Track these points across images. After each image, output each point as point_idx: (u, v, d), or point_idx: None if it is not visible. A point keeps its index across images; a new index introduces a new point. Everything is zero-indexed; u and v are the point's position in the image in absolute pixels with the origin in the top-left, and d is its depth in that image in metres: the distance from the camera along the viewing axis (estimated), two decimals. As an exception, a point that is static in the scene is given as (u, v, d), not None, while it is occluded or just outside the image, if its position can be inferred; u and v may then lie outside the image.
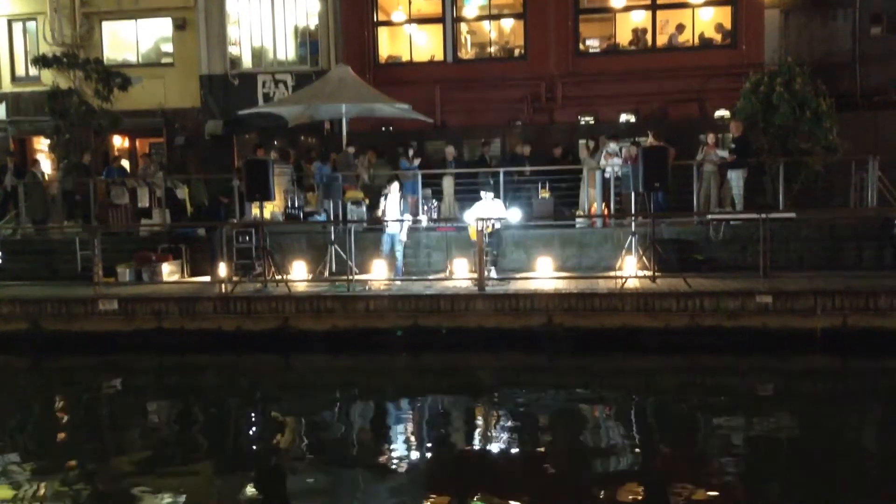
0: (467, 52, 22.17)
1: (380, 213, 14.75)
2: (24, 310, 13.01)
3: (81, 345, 12.77)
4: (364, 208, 15.59)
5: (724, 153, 15.31)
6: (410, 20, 21.79)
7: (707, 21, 20.82)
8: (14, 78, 22.68)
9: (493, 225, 13.57)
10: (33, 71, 21.24)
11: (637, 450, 8.28)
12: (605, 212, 15.55)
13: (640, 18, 21.01)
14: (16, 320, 13.01)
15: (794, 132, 15.06)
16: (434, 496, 7.06)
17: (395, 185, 14.64)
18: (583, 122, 20.38)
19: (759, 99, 15.32)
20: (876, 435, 8.98)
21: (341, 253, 14.21)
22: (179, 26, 21.77)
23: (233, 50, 21.64)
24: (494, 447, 8.42)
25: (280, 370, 12.15)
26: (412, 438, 8.81)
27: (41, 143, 22.01)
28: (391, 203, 14.50)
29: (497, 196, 14.69)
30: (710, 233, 14.43)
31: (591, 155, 16.48)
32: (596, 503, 6.81)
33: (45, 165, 20.14)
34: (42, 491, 7.29)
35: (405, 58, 21.90)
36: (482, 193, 14.19)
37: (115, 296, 13.00)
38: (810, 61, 16.83)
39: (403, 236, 14.52)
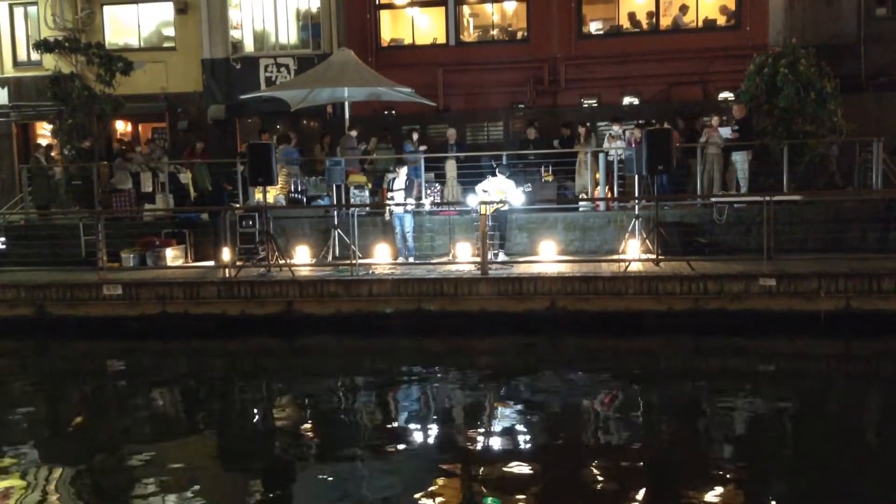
0: (470, 35, 22.04)
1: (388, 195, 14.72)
2: (29, 295, 13.06)
3: (86, 329, 12.84)
4: (367, 192, 15.57)
5: (728, 130, 15.23)
6: (412, 3, 21.66)
7: (711, 2, 20.66)
8: (16, 63, 22.59)
9: (496, 207, 13.49)
10: (35, 56, 21.11)
11: (641, 433, 8.31)
12: (609, 195, 15.51)
13: (644, 0, 20.89)
14: (21, 305, 13.06)
15: (799, 114, 14.96)
16: (437, 480, 7.09)
17: (404, 169, 14.58)
18: (585, 105, 20.32)
19: (764, 80, 15.21)
20: (878, 417, 9.01)
21: (344, 237, 14.21)
22: (181, 10, 21.64)
23: (235, 34, 21.50)
24: (497, 431, 8.45)
25: (284, 354, 12.19)
26: (415, 422, 8.84)
27: (43, 129, 21.94)
28: (398, 185, 14.44)
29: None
30: (714, 215, 14.39)
31: (585, 139, 16.42)
32: (599, 486, 6.85)
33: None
34: (48, 475, 7.35)
35: (407, 41, 21.78)
36: (497, 171, 14.08)
37: (119, 280, 13.04)
38: (815, 42, 16.70)
39: (409, 219, 14.53)
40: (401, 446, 7.98)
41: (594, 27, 21.18)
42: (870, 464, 7.27)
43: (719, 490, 6.69)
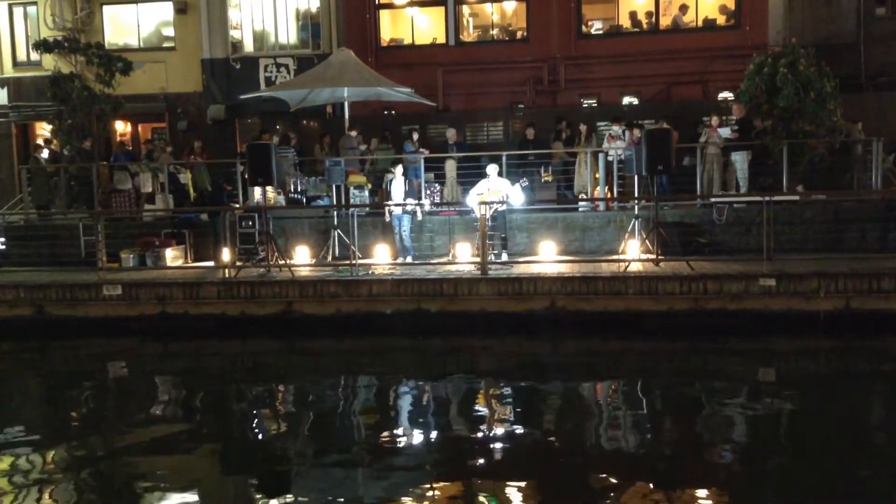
0: (469, 35, 22.05)
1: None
2: (28, 295, 13.05)
3: (86, 330, 12.82)
4: (367, 193, 15.56)
5: (727, 130, 15.22)
6: (412, 3, 21.68)
7: (711, 2, 20.68)
8: (15, 63, 22.61)
9: (496, 207, 13.49)
10: (34, 56, 21.15)
11: (640, 434, 8.30)
12: (609, 195, 15.51)
13: (644, 0, 20.89)
14: (20, 306, 13.06)
15: (799, 114, 14.96)
16: (436, 480, 7.09)
17: (399, 169, 14.60)
18: (585, 105, 20.32)
19: (763, 80, 15.20)
20: (879, 417, 9.00)
21: (344, 238, 14.21)
22: (180, 10, 21.65)
23: (234, 34, 21.52)
24: (497, 431, 8.44)
25: (284, 354, 12.18)
26: (415, 422, 8.84)
27: (43, 129, 21.94)
28: (395, 187, 14.45)
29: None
30: (714, 215, 14.39)
31: (585, 139, 16.40)
32: (598, 487, 6.85)
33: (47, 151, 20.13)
34: (47, 476, 7.34)
35: (407, 41, 21.79)
36: (488, 169, 14.07)
37: (118, 281, 13.03)
38: (814, 42, 16.68)
39: (408, 220, 14.52)
40: (400, 447, 7.98)
41: (594, 27, 21.20)
42: (870, 464, 7.26)
43: (719, 490, 6.69)
